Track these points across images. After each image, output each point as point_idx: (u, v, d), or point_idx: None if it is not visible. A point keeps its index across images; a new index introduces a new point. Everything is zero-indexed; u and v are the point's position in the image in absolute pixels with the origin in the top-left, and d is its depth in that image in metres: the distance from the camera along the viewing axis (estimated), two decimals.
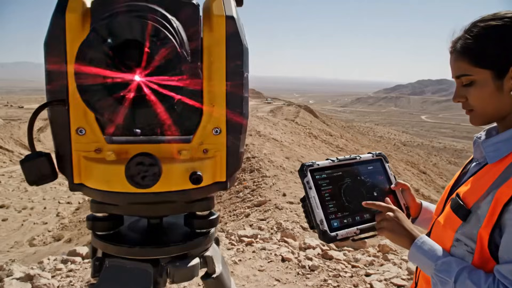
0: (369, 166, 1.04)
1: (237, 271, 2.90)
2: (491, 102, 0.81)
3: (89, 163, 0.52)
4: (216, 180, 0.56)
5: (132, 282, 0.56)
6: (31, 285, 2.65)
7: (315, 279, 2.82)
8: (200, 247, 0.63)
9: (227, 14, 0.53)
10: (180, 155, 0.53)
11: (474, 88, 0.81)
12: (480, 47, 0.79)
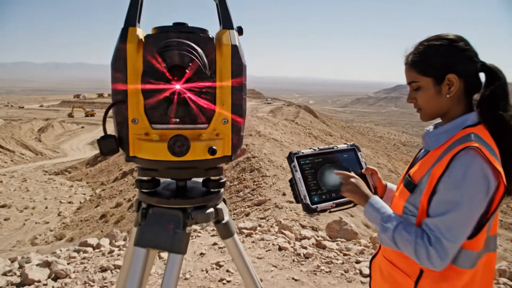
0: (344, 154, 1.27)
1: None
2: (433, 103, 1.04)
3: (140, 142, 0.76)
4: (224, 154, 0.80)
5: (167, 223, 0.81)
6: (49, 270, 2.89)
7: (309, 265, 3.05)
8: (213, 201, 0.88)
9: (232, 43, 0.78)
10: (201, 137, 0.76)
11: (421, 92, 1.05)
12: (424, 61, 1.03)
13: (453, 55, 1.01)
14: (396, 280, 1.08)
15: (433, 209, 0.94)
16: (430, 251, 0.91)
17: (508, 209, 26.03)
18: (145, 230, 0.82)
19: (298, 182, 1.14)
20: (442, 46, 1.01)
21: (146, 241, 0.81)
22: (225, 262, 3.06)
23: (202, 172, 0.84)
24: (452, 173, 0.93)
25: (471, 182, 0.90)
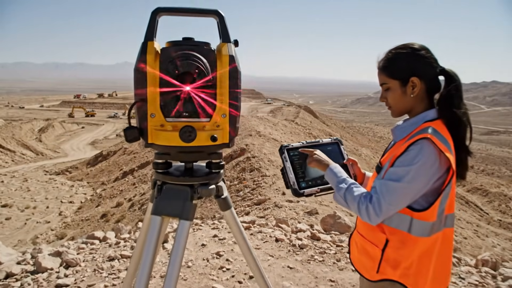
0: (329, 147, 1.47)
1: (236, 248, 3.34)
2: (400, 102, 1.24)
3: (157, 132, 0.96)
4: (223, 142, 0.99)
5: (178, 197, 1.00)
6: (61, 260, 3.08)
7: (303, 255, 3.25)
8: (215, 179, 1.09)
9: (230, 54, 0.98)
10: (205, 128, 0.96)
11: (390, 93, 1.25)
12: (392, 66, 1.23)
13: (416, 61, 1.22)
14: (367, 251, 1.28)
15: (385, 175, 1.15)
16: (369, 207, 1.13)
17: (507, 209, 26.17)
18: (160, 202, 1.02)
19: (287, 171, 1.34)
20: (407, 53, 1.21)
21: (161, 210, 1.01)
22: (224, 252, 3.26)
23: (206, 156, 1.05)
24: (406, 155, 1.13)
25: (418, 164, 1.11)
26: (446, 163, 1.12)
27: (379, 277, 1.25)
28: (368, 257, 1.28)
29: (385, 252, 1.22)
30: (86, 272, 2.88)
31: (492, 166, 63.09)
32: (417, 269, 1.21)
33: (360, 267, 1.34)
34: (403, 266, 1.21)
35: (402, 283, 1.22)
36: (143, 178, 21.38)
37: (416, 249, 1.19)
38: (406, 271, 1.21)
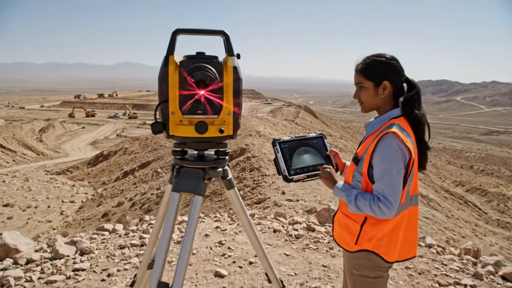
0: (314, 140, 1.73)
1: (237, 238, 3.60)
2: (372, 100, 1.50)
3: (176, 126, 1.22)
4: (228, 134, 1.24)
5: (193, 177, 1.27)
6: (76, 248, 3.34)
7: (299, 244, 3.51)
8: (221, 164, 1.35)
9: (233, 65, 1.23)
10: (214, 122, 1.22)
11: (364, 91, 1.51)
12: (368, 70, 1.49)
13: (389, 68, 1.48)
14: (348, 226, 1.54)
15: (375, 178, 1.41)
16: (380, 206, 1.36)
17: (506, 208, 26.40)
18: (178, 182, 1.27)
19: (279, 161, 1.60)
20: (382, 61, 1.48)
21: (179, 188, 1.26)
22: (226, 242, 3.52)
23: (214, 145, 1.30)
24: (379, 150, 1.40)
25: (391, 155, 1.37)
26: (408, 152, 1.39)
27: (357, 248, 1.51)
28: (349, 232, 1.55)
29: (363, 227, 1.48)
30: (100, 259, 3.15)
31: (491, 166, 63.17)
32: (388, 241, 1.47)
33: (341, 241, 1.60)
34: (376, 239, 1.47)
35: (375, 252, 1.48)
36: (143, 178, 21.62)
37: (388, 225, 1.46)
38: (379, 243, 1.47)
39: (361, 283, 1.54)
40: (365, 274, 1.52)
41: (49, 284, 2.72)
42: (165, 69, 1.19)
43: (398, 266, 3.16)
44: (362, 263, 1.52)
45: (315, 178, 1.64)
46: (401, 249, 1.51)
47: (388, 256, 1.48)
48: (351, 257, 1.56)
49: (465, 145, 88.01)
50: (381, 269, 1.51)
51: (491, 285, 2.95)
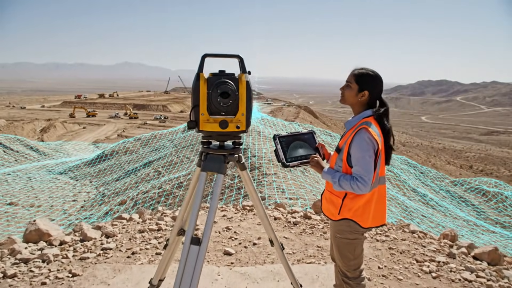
0: (306, 135, 2.19)
1: (242, 225, 4.07)
2: (350, 98, 1.97)
3: (205, 123, 1.68)
4: (242, 129, 1.69)
5: (217, 160, 1.74)
6: (101, 232, 3.81)
7: (297, 229, 3.99)
8: (237, 151, 1.81)
9: (246, 80, 1.70)
10: (232, 121, 1.68)
11: (349, 89, 1.97)
12: (360, 77, 1.95)
13: (373, 84, 1.95)
14: (333, 201, 2.01)
15: (353, 163, 1.88)
16: (358, 184, 1.82)
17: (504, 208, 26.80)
18: (206, 164, 1.74)
19: (279, 151, 2.07)
20: (372, 76, 1.95)
21: (207, 168, 1.73)
22: (232, 227, 3.99)
23: (232, 137, 1.76)
24: (355, 142, 1.87)
25: (364, 145, 1.84)
26: (376, 143, 1.85)
27: (340, 217, 1.98)
28: (333, 205, 2.02)
29: (344, 201, 1.95)
30: (123, 240, 3.62)
31: (491, 166, 63.45)
32: (363, 211, 1.94)
33: (328, 213, 2.08)
34: (354, 209, 1.94)
35: (353, 220, 1.95)
36: (145, 177, 22.06)
37: (362, 199, 1.93)
38: (356, 213, 1.94)
39: (342, 244, 2.02)
40: (345, 236, 1.99)
41: (82, 260, 3.19)
42: (197, 83, 1.66)
43: (383, 247, 3.63)
44: (343, 229, 1.99)
45: (306, 164, 2.11)
46: (373, 218, 1.98)
47: (363, 223, 1.95)
48: (335, 225, 2.03)
49: (465, 145, 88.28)
50: (358, 232, 1.98)
51: (462, 262, 3.42)
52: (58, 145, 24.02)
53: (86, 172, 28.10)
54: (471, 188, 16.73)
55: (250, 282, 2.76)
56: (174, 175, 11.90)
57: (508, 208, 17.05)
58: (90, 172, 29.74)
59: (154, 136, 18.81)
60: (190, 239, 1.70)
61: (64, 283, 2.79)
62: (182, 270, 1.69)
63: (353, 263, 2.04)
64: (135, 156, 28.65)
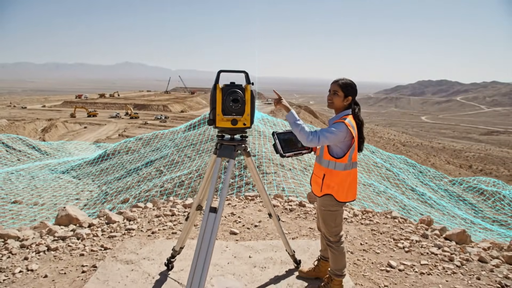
0: None
1: (245, 211, 4.66)
2: (338, 103, 2.56)
3: (220, 121, 2.25)
4: (247, 126, 2.27)
5: (229, 149, 2.32)
6: (123, 216, 4.40)
7: (292, 215, 4.58)
8: (244, 142, 2.40)
9: (250, 89, 2.28)
10: (240, 119, 2.27)
11: (336, 96, 2.56)
12: (345, 86, 2.53)
13: (354, 91, 2.55)
14: (316, 180, 2.60)
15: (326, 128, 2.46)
16: (315, 137, 2.39)
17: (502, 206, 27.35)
18: (220, 151, 2.33)
19: (277, 145, 2.66)
20: (352, 86, 2.54)
21: (221, 155, 2.32)
22: (236, 213, 4.58)
23: (240, 132, 2.36)
24: (334, 125, 2.44)
25: (339, 129, 2.42)
26: (350, 133, 2.44)
27: (322, 193, 2.57)
28: (317, 184, 2.61)
29: (324, 180, 2.54)
30: (143, 223, 4.21)
31: (490, 166, 63.88)
32: (340, 188, 2.53)
33: (315, 191, 2.66)
34: (332, 186, 2.53)
35: (332, 195, 2.54)
36: (147, 176, 22.63)
37: (338, 177, 2.51)
38: (333, 189, 2.53)
39: (326, 215, 2.60)
40: (328, 209, 2.58)
41: (111, 238, 3.78)
42: (214, 92, 2.26)
43: (366, 228, 4.22)
44: (326, 203, 2.58)
45: (298, 154, 2.70)
46: (347, 194, 2.57)
47: (340, 198, 2.54)
48: (320, 200, 2.62)
49: (464, 145, 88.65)
50: (338, 205, 2.57)
51: (434, 242, 4.00)
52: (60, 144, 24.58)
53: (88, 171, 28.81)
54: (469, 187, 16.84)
55: (253, 252, 3.36)
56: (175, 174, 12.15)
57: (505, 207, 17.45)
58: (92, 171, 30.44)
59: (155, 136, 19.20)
60: (209, 208, 2.29)
61: (99, 254, 3.39)
62: (203, 232, 2.28)
63: (334, 230, 2.62)
64: (137, 156, 29.29)
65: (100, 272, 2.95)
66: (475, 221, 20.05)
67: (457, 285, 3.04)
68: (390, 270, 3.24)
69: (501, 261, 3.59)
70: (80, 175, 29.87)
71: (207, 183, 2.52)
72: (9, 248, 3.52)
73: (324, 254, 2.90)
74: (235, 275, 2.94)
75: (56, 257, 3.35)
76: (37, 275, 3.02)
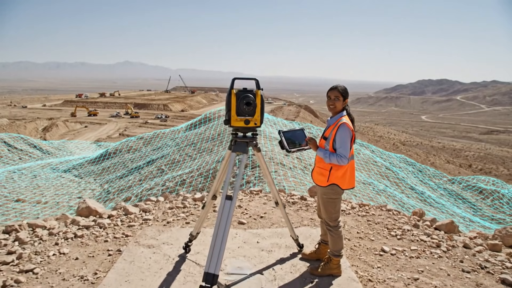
0: (299, 131, 3.15)
1: (251, 204, 5.04)
2: (339, 107, 2.94)
3: (234, 121, 2.61)
4: (258, 125, 2.65)
5: (241, 146, 2.69)
6: (139, 208, 4.78)
7: (294, 207, 4.95)
8: (255, 139, 2.77)
9: (261, 94, 2.65)
10: (251, 119, 2.64)
11: (337, 101, 2.95)
12: (344, 92, 2.93)
13: (347, 93, 2.93)
14: (322, 173, 2.98)
15: (337, 146, 2.85)
16: (342, 159, 2.80)
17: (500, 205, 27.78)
18: (235, 147, 2.69)
19: (283, 142, 3.03)
20: (346, 89, 2.93)
21: (235, 150, 2.68)
22: (243, 206, 4.95)
23: (252, 130, 2.73)
24: (339, 132, 2.84)
25: (344, 134, 2.81)
26: (352, 132, 2.82)
27: (328, 183, 2.95)
28: (323, 176, 2.98)
29: (331, 172, 2.92)
30: (158, 214, 4.59)
31: (490, 165, 64.17)
32: (342, 178, 2.91)
33: (318, 182, 3.04)
34: (336, 177, 2.91)
35: (337, 184, 2.91)
36: (149, 174, 23.01)
37: (341, 170, 2.89)
38: (338, 179, 2.91)
39: (327, 202, 2.98)
40: (329, 197, 2.96)
41: (130, 227, 4.16)
42: (229, 96, 2.63)
43: (362, 219, 4.60)
44: (329, 191, 2.95)
45: (301, 150, 3.08)
46: (348, 182, 2.95)
47: (342, 186, 2.92)
48: (324, 189, 2.99)
49: (464, 144, 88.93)
50: (339, 193, 2.95)
51: (424, 231, 4.38)
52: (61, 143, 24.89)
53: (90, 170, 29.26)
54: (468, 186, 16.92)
55: (260, 238, 3.74)
56: (177, 173, 12.36)
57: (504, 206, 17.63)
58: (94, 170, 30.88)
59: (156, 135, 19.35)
60: (225, 196, 2.67)
61: (121, 241, 3.77)
62: (220, 217, 2.66)
63: (334, 216, 3.00)
64: (138, 155, 29.72)
65: (126, 254, 3.34)
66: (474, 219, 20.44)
67: (442, 266, 3.42)
68: (383, 254, 3.63)
69: (484, 248, 3.97)
70: (82, 174, 30.30)
71: (222, 175, 2.90)
72: (39, 236, 3.91)
73: (324, 238, 3.28)
74: (245, 257, 3.33)
75: (83, 243, 3.73)
76: (68, 257, 3.40)
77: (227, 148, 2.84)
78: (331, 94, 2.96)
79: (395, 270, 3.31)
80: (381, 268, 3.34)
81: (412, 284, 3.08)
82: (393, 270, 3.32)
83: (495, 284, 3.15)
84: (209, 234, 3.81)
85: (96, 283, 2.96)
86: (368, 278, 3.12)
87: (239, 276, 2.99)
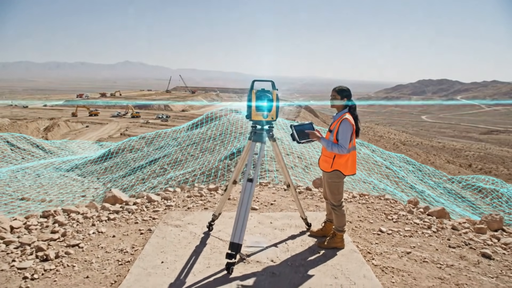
0: (308, 125, 3.65)
1: (261, 193, 5.54)
2: (336, 105, 3.44)
3: (254, 116, 3.15)
4: (274, 118, 3.15)
5: (260, 136, 3.19)
6: (160, 197, 5.28)
7: (301, 196, 5.46)
8: (271, 131, 3.27)
9: (277, 93, 3.16)
10: (269, 114, 3.15)
11: (335, 99, 3.45)
12: (342, 92, 3.44)
13: (348, 94, 3.44)
14: (327, 160, 3.48)
15: (339, 138, 3.36)
16: (342, 149, 3.31)
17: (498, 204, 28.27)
18: (254, 137, 3.19)
19: (294, 134, 3.54)
20: (345, 89, 3.44)
21: (255, 140, 3.18)
22: (255, 194, 5.45)
23: (269, 123, 3.23)
24: (341, 126, 3.35)
25: (346, 128, 3.31)
26: (352, 127, 3.32)
27: (332, 169, 3.45)
28: (327, 163, 3.49)
29: (334, 160, 3.42)
30: (179, 201, 5.10)
31: (490, 165, 64.51)
32: (344, 165, 3.42)
33: (323, 167, 3.55)
34: (339, 163, 3.42)
35: (339, 170, 3.42)
36: (151, 174, 23.48)
37: (343, 158, 3.40)
38: (340, 166, 3.42)
39: (332, 185, 3.48)
40: (334, 180, 3.46)
41: (155, 212, 4.67)
42: (250, 95, 3.14)
43: (363, 206, 5.11)
44: (333, 176, 3.46)
45: (310, 141, 3.58)
46: (350, 169, 3.46)
47: (344, 172, 3.43)
48: (328, 174, 3.49)
49: (464, 144, 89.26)
50: (341, 178, 3.46)
51: (418, 216, 4.88)
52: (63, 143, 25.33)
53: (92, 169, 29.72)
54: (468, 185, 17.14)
55: (273, 220, 4.26)
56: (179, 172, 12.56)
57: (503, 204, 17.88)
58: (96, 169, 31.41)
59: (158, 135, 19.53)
60: (247, 179, 3.17)
61: (149, 222, 4.28)
62: (242, 195, 3.16)
63: (337, 197, 3.51)
64: (140, 154, 30.22)
65: (157, 232, 3.85)
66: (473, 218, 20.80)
67: (431, 243, 3.93)
68: (380, 233, 4.14)
69: (471, 230, 4.48)
70: (84, 173, 30.83)
71: (243, 162, 3.41)
72: (75, 219, 4.41)
73: (329, 217, 3.79)
74: (261, 234, 3.84)
75: (116, 224, 4.24)
76: (106, 235, 3.91)
77: (247, 139, 3.34)
78: (331, 93, 3.49)
79: (390, 246, 3.82)
80: (379, 244, 3.85)
81: (405, 256, 3.59)
82: (389, 245, 3.83)
83: (476, 257, 3.66)
84: (228, 216, 4.32)
85: (135, 254, 3.47)
86: (367, 251, 3.63)
87: (257, 248, 3.50)
